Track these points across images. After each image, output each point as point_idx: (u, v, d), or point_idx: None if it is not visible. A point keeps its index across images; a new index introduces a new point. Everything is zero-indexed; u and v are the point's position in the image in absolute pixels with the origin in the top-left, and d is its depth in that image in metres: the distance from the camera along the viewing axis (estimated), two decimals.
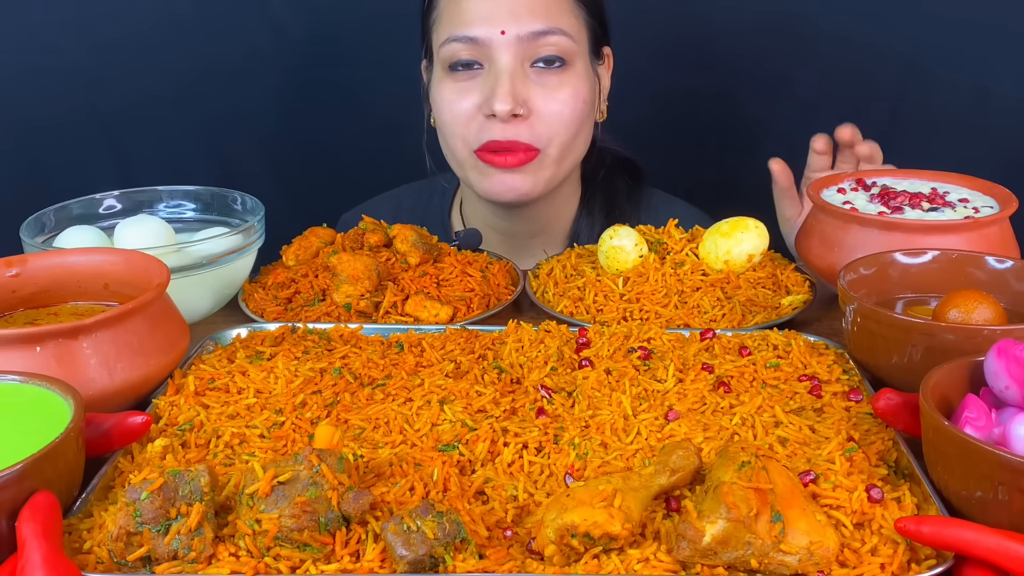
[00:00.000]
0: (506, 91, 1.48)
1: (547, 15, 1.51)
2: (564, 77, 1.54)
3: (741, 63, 2.15)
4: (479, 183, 1.60)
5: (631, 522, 0.81)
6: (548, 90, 1.53)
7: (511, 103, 1.48)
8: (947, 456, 0.85)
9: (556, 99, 1.53)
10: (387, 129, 2.11)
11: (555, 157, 1.57)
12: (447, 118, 1.57)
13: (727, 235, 1.36)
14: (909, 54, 2.05)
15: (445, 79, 1.56)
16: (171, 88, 2.10)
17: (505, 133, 1.51)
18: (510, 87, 1.49)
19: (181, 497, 0.82)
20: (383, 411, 1.05)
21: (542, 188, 1.59)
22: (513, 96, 1.49)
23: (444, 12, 1.56)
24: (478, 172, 1.59)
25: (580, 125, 1.58)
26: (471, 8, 1.51)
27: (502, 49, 1.50)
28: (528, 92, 1.52)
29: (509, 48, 1.50)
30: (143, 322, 1.07)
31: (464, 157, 1.59)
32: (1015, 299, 1.15)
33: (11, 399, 0.92)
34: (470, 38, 1.50)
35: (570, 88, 1.54)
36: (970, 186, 1.40)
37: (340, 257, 1.34)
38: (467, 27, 1.50)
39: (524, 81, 1.52)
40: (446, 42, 1.53)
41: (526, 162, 1.55)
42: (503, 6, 1.49)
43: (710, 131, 2.21)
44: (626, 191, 1.77)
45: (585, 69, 1.58)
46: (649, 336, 1.20)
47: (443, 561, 0.80)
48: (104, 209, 1.46)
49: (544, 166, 1.57)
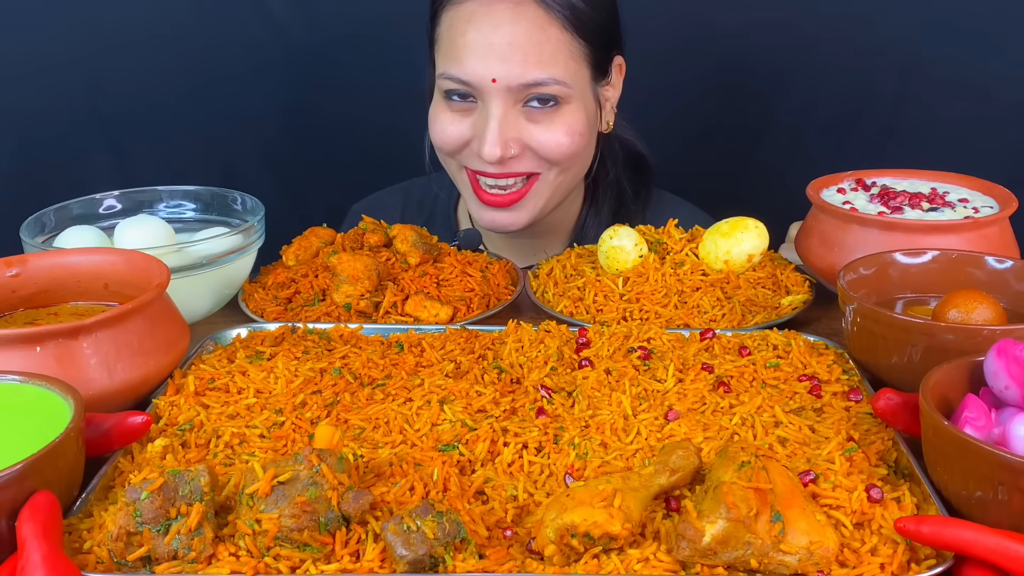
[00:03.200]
0: (495, 139, 1.47)
1: (540, 63, 1.46)
2: (557, 116, 1.51)
3: (741, 63, 2.15)
4: (470, 206, 1.62)
5: (631, 522, 0.81)
6: (543, 127, 1.51)
7: (500, 151, 1.48)
8: (947, 456, 0.85)
9: (552, 133, 1.51)
10: (387, 129, 2.11)
11: (552, 181, 1.57)
12: (439, 139, 1.57)
13: (727, 235, 1.36)
14: (909, 54, 2.06)
15: (441, 102, 1.56)
16: (171, 88, 2.10)
17: (498, 169, 1.52)
18: (499, 134, 1.48)
19: (181, 497, 0.82)
20: (383, 411, 1.05)
21: (532, 218, 1.60)
22: (502, 144, 1.48)
23: (443, 41, 1.53)
24: (469, 196, 1.60)
25: (577, 154, 1.57)
26: (466, 49, 1.48)
27: (492, 95, 1.48)
28: (520, 131, 1.51)
29: (499, 95, 1.47)
30: (143, 322, 1.07)
31: (455, 172, 1.62)
32: (1015, 299, 1.15)
33: (11, 399, 0.92)
34: (463, 81, 1.49)
35: (565, 125, 1.52)
36: (970, 186, 1.40)
37: (340, 257, 1.34)
38: (461, 68, 1.48)
39: (516, 122, 1.50)
40: (441, 76, 1.52)
41: (518, 199, 1.55)
42: (496, 53, 1.46)
43: (710, 131, 2.21)
44: (634, 189, 1.77)
45: (581, 103, 1.54)
46: (649, 336, 1.20)
47: (443, 561, 0.80)
48: (104, 209, 1.46)
49: (539, 194, 1.57)
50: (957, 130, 2.06)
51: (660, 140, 1.91)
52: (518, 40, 1.45)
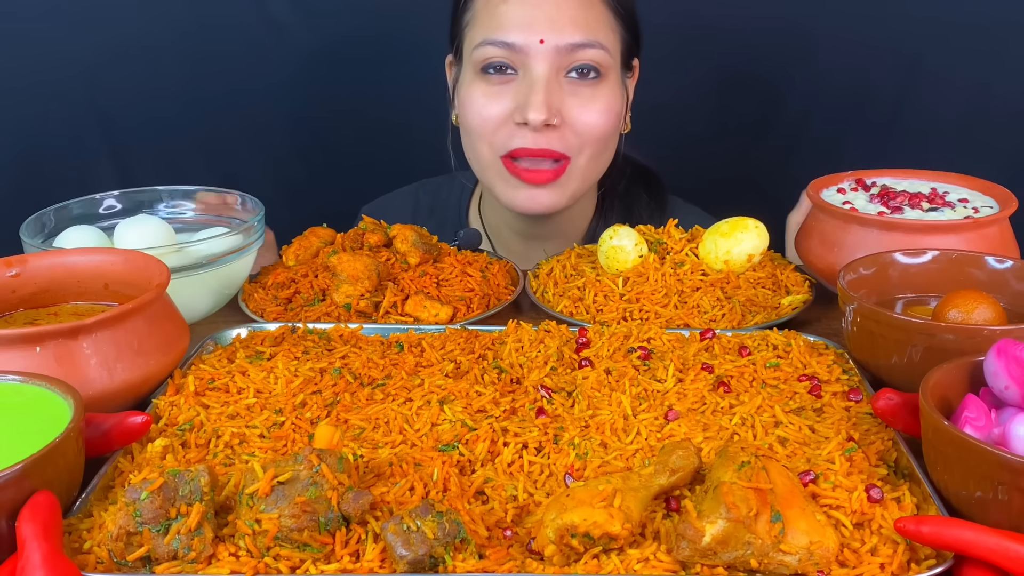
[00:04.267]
0: (541, 100, 1.46)
1: (587, 27, 1.49)
2: (598, 89, 1.52)
3: (741, 64, 2.15)
4: (504, 192, 1.58)
5: (631, 522, 0.81)
6: (582, 100, 1.51)
7: (546, 113, 1.46)
8: (947, 456, 0.85)
9: (590, 110, 1.51)
10: (387, 130, 2.11)
11: (583, 167, 1.56)
12: (475, 122, 1.54)
13: (727, 235, 1.36)
14: (909, 54, 2.06)
15: (476, 81, 1.54)
16: (172, 88, 2.10)
17: (537, 141, 1.50)
18: (545, 96, 1.47)
19: (181, 497, 0.82)
20: (383, 411, 1.05)
21: (567, 201, 1.58)
22: (548, 106, 1.47)
23: (480, 14, 1.53)
24: (503, 181, 1.57)
25: (609, 138, 1.57)
26: (510, 13, 1.48)
27: (539, 58, 1.48)
28: (562, 102, 1.50)
29: (546, 57, 1.48)
30: (143, 322, 1.07)
31: (490, 162, 1.57)
32: (1015, 299, 1.15)
33: (11, 399, 0.92)
34: (507, 44, 1.48)
35: (603, 101, 1.52)
36: (970, 186, 1.40)
37: (340, 257, 1.34)
38: (505, 32, 1.48)
39: (558, 91, 1.50)
40: (481, 44, 1.50)
41: (554, 178, 1.53)
42: (544, 14, 1.47)
43: (710, 131, 2.21)
44: (646, 202, 1.77)
45: (617, 82, 1.56)
46: (649, 336, 1.20)
47: (443, 561, 0.80)
48: (104, 209, 1.46)
49: (572, 178, 1.55)
50: (957, 130, 2.06)
51: (660, 138, 1.91)
52: (565, 4, 1.48)
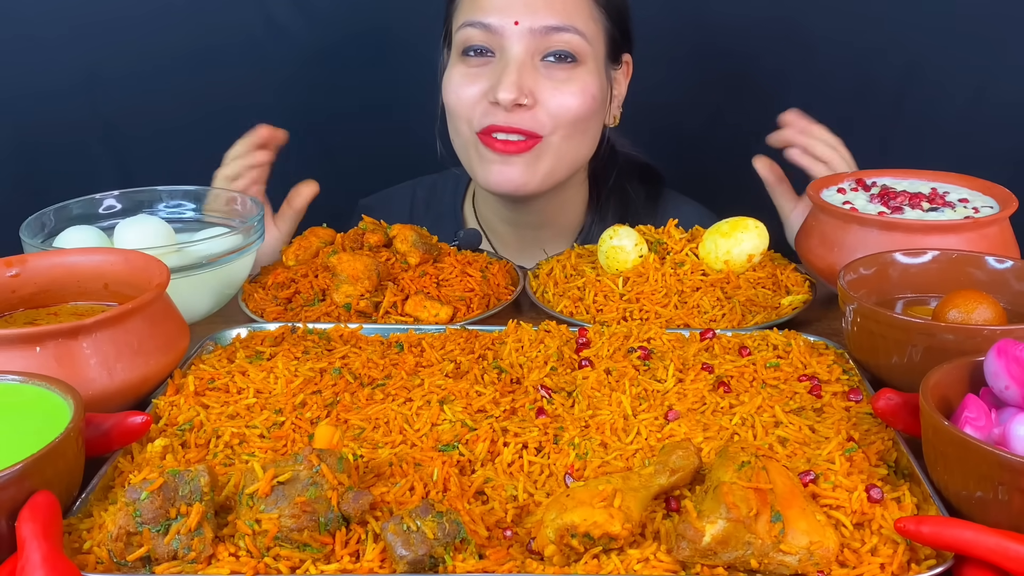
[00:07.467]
0: (512, 80, 1.49)
1: (563, 12, 1.52)
2: (573, 73, 1.54)
3: (741, 64, 2.15)
4: (479, 170, 1.61)
5: (631, 522, 0.81)
6: (556, 83, 1.54)
7: (515, 92, 1.49)
8: (947, 456, 0.85)
9: (563, 92, 1.54)
10: (387, 129, 2.11)
11: (556, 146, 1.56)
12: (453, 101, 1.58)
13: (727, 235, 1.36)
14: (909, 54, 2.05)
15: (457, 63, 1.58)
16: (172, 88, 2.09)
17: (509, 120, 1.52)
18: (517, 77, 1.50)
19: (181, 497, 0.82)
20: (383, 411, 1.05)
21: (539, 181, 1.59)
22: (518, 86, 1.50)
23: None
24: (479, 157, 1.59)
25: (587, 122, 1.58)
26: None
27: (514, 39, 1.51)
28: (535, 83, 1.52)
29: (521, 39, 1.51)
30: (143, 322, 1.07)
31: (467, 138, 1.60)
32: (1015, 299, 1.15)
33: (11, 399, 0.92)
34: (484, 24, 1.52)
35: (578, 84, 1.55)
36: (970, 186, 1.40)
37: (340, 257, 1.34)
38: (484, 14, 1.53)
39: (532, 73, 1.52)
40: (462, 26, 1.56)
41: (526, 150, 1.55)
42: None
43: (710, 131, 2.21)
44: (643, 196, 1.78)
45: (597, 69, 1.58)
46: (649, 336, 1.20)
47: (443, 561, 0.80)
48: (104, 209, 1.46)
49: (543, 156, 1.56)
50: (957, 130, 2.05)
51: (660, 138, 1.91)
52: None
